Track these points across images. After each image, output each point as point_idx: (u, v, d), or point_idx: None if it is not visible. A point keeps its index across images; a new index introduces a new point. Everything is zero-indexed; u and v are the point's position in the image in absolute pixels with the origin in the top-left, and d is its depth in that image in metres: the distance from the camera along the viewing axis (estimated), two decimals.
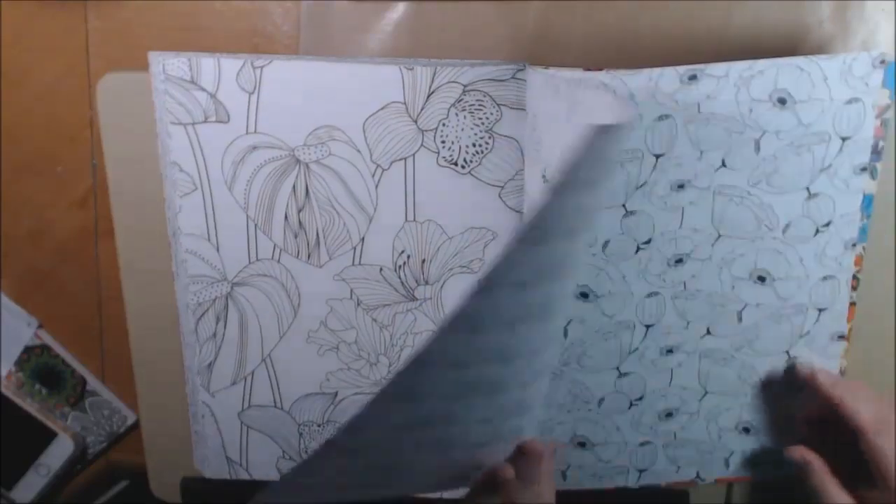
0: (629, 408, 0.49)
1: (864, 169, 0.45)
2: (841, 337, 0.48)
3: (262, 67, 0.45)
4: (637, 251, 0.46)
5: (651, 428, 0.50)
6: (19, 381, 0.53)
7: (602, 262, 0.46)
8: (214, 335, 0.50)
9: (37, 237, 0.52)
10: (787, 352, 0.48)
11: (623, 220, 0.45)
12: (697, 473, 0.52)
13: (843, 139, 0.44)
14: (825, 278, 0.47)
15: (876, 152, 0.45)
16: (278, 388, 0.51)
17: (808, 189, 0.45)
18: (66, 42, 0.49)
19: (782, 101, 0.43)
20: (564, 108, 0.43)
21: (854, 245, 0.47)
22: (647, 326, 0.47)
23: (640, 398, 0.49)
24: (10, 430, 0.52)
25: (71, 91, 0.50)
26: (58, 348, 0.54)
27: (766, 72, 0.43)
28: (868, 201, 0.46)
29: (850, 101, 0.43)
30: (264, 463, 0.53)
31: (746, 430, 0.50)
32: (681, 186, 0.45)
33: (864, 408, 0.44)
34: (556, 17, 0.47)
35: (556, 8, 0.46)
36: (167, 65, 0.45)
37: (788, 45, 0.46)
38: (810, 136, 0.44)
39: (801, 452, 0.46)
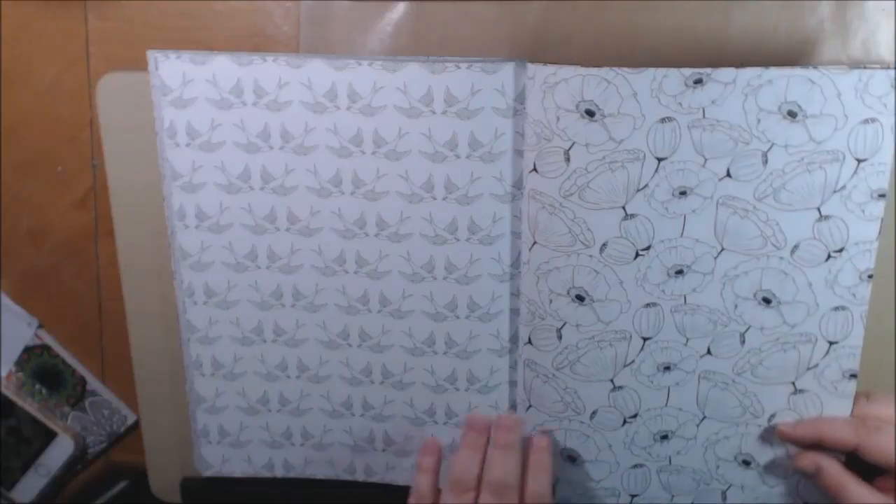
0: (622, 425, 0.47)
1: (882, 195, 0.42)
2: (853, 376, 0.45)
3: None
4: (636, 257, 0.44)
5: (645, 449, 0.48)
6: (19, 381, 0.53)
7: (599, 264, 0.44)
8: None
9: (37, 237, 0.52)
10: (794, 383, 0.46)
11: (622, 222, 0.43)
12: None
13: (859, 161, 0.42)
14: (837, 308, 0.44)
15: None
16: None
17: (818, 210, 0.43)
18: (66, 42, 0.49)
19: (792, 114, 0.41)
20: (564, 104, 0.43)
21: (871, 277, 0.43)
22: (644, 339, 0.46)
23: (635, 416, 0.47)
24: (9, 430, 0.52)
25: (71, 91, 0.50)
26: (58, 348, 0.54)
27: (776, 81, 0.41)
28: None
29: (866, 121, 0.41)
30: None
31: (746, 462, 0.47)
32: (683, 193, 0.43)
33: (840, 429, 0.44)
34: (556, 17, 0.46)
35: (557, 8, 0.46)
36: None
37: (789, 45, 0.46)
38: (822, 153, 0.42)
39: (811, 459, 0.45)
